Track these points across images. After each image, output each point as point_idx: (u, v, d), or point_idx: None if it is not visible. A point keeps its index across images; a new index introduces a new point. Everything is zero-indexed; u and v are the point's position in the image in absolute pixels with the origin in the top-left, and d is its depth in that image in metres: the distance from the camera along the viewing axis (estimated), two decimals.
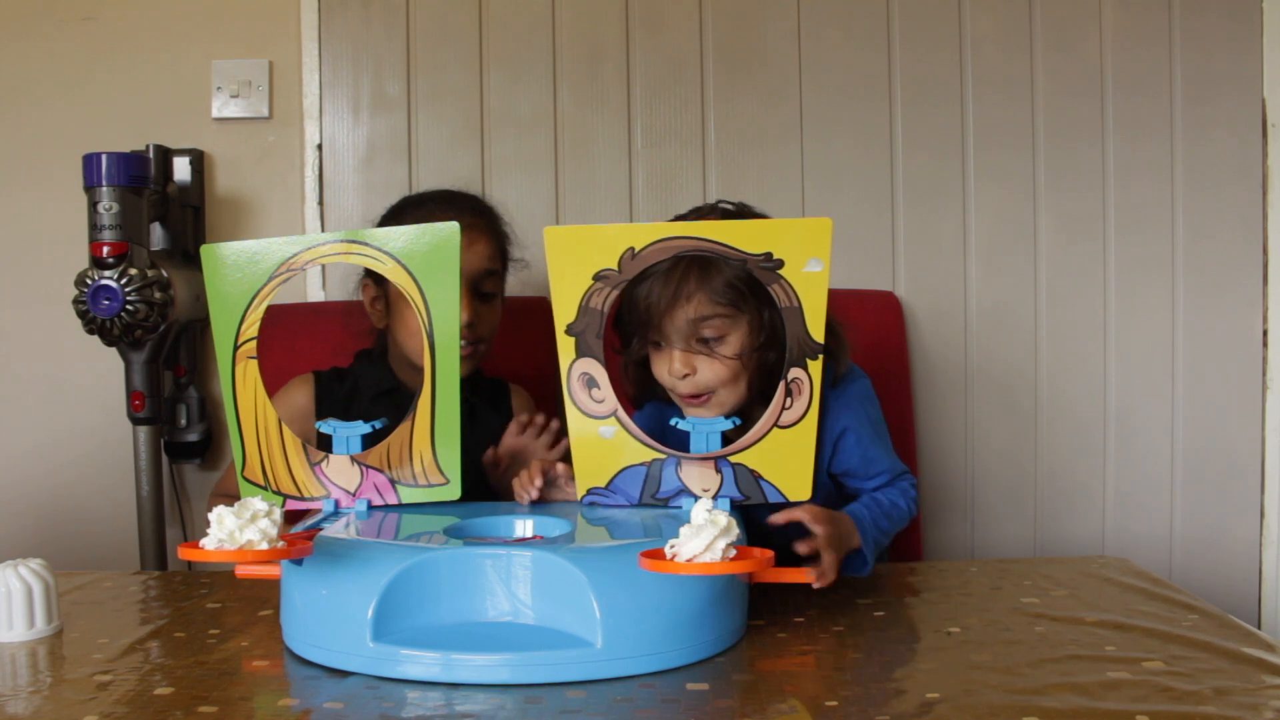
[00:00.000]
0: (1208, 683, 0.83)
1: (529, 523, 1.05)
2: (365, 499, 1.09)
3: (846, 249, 1.81)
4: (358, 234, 1.07)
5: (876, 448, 1.17)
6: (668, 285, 1.09)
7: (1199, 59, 1.86)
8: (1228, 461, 1.88)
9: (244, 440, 1.09)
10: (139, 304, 1.55)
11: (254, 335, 1.07)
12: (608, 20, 1.84)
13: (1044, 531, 1.89)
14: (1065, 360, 1.87)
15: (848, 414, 1.16)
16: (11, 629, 0.97)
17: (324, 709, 0.80)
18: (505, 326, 1.49)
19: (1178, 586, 1.12)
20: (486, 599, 0.89)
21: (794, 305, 1.03)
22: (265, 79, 1.83)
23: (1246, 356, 1.88)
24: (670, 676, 0.86)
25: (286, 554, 0.87)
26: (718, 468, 1.07)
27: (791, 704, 0.81)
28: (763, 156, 1.85)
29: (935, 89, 1.85)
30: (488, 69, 1.84)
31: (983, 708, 0.78)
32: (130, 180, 1.56)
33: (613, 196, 1.84)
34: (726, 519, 0.85)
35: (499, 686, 0.83)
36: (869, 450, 1.16)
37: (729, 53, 1.85)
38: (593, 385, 1.07)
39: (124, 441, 1.75)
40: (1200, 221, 1.86)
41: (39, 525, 1.82)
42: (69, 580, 1.15)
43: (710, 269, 1.09)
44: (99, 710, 0.80)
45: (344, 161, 1.84)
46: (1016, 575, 1.16)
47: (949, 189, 1.86)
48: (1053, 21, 1.86)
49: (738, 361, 1.11)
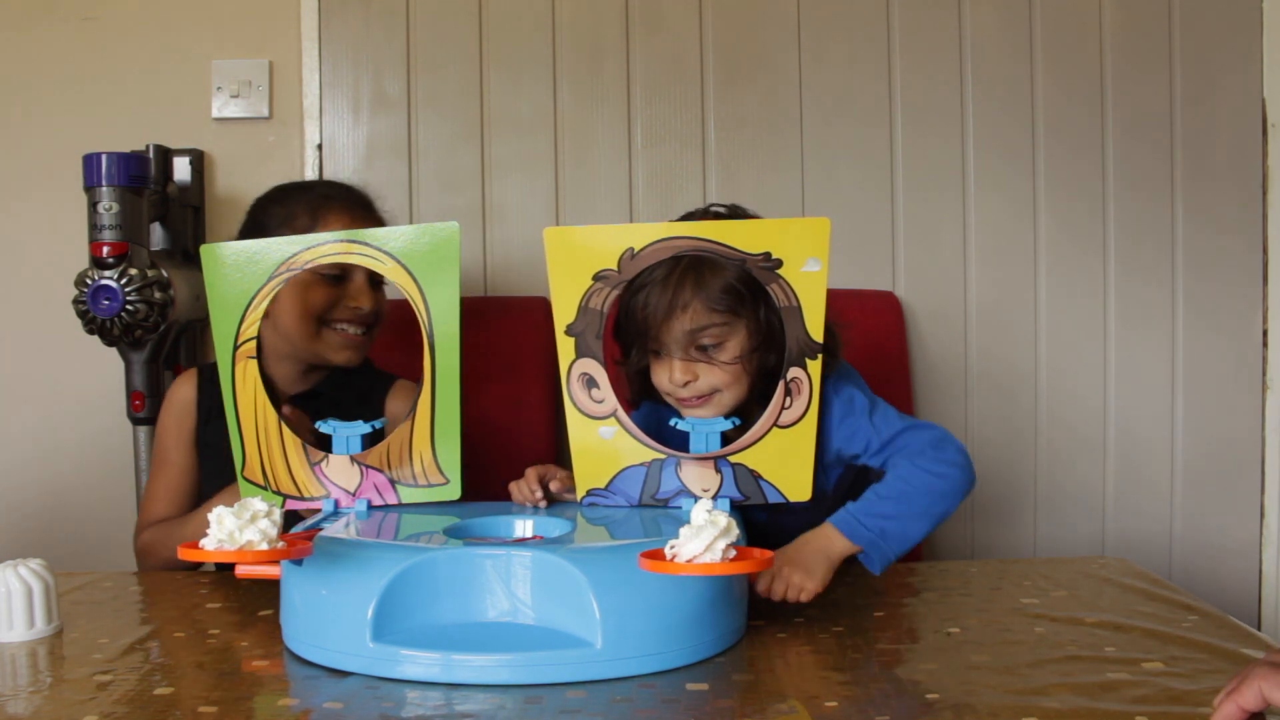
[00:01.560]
0: (1208, 683, 0.83)
1: (529, 523, 1.05)
2: (365, 499, 1.09)
3: (846, 249, 1.81)
4: (358, 234, 1.07)
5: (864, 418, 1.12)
6: (664, 295, 1.09)
7: (1199, 59, 1.86)
8: (1228, 462, 1.88)
9: (244, 440, 1.09)
10: (139, 304, 1.55)
11: (254, 335, 1.07)
12: (608, 20, 1.84)
13: (1044, 532, 1.89)
14: (1065, 360, 1.87)
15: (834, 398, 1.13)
16: (11, 629, 0.97)
17: (324, 709, 0.80)
18: (505, 326, 1.49)
19: (1177, 587, 1.12)
20: (486, 599, 0.89)
21: (793, 305, 1.03)
22: (265, 79, 1.83)
23: (1246, 356, 1.88)
24: (670, 676, 0.86)
25: (286, 554, 0.87)
26: (717, 468, 1.07)
27: (791, 704, 0.80)
28: (763, 156, 1.85)
29: (935, 89, 1.85)
30: (488, 69, 1.84)
31: (983, 708, 0.78)
32: (130, 180, 1.56)
33: (613, 196, 1.84)
34: (726, 519, 0.85)
35: (499, 686, 0.83)
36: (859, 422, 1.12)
37: (729, 53, 1.85)
38: (592, 385, 1.07)
39: (124, 441, 1.75)
40: (1200, 222, 1.86)
41: (39, 525, 1.82)
42: (69, 580, 1.15)
43: (705, 276, 1.08)
44: (99, 710, 0.80)
45: (344, 161, 1.84)
46: (1016, 575, 1.16)
47: (949, 189, 1.86)
48: (1053, 22, 1.86)
49: (738, 365, 1.11)
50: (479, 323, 1.67)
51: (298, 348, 1.36)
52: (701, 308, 1.09)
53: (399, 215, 1.83)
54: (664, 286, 1.09)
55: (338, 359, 1.37)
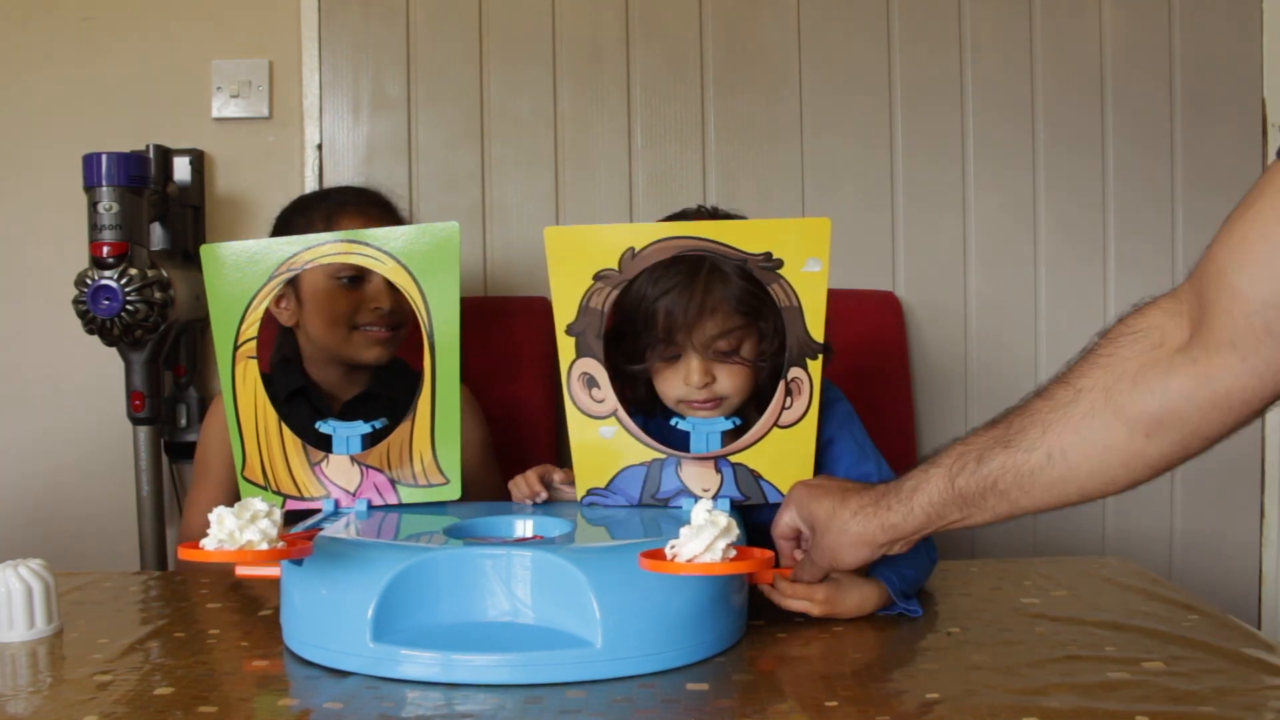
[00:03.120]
0: (1208, 683, 0.83)
1: (529, 523, 1.05)
2: (365, 499, 1.09)
3: (846, 249, 1.80)
4: (358, 234, 1.07)
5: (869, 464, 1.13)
6: (692, 299, 1.07)
7: (1199, 59, 1.86)
8: (1228, 461, 1.88)
9: (244, 440, 1.09)
10: (139, 304, 1.55)
11: (254, 335, 1.07)
12: (608, 20, 1.84)
13: (1044, 531, 1.89)
14: (1065, 360, 1.87)
15: (831, 426, 1.13)
16: (11, 629, 0.97)
17: (324, 709, 0.80)
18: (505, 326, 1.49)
19: (1178, 586, 1.12)
20: (486, 599, 0.89)
21: (793, 305, 1.03)
22: (265, 79, 1.83)
23: None
24: (670, 676, 0.86)
25: (286, 554, 0.87)
26: (718, 468, 1.07)
27: (791, 704, 0.81)
28: (763, 156, 1.85)
29: (935, 89, 1.85)
30: (488, 69, 1.84)
31: (983, 708, 0.78)
32: (130, 180, 1.56)
33: (613, 196, 1.84)
34: (726, 519, 0.85)
35: (499, 686, 0.83)
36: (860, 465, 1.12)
37: (729, 53, 1.85)
38: (593, 385, 1.07)
39: (124, 441, 1.75)
40: (1200, 222, 1.86)
41: (39, 525, 1.82)
42: (69, 580, 1.15)
43: (727, 278, 1.08)
44: (99, 710, 0.80)
45: (344, 161, 1.84)
46: (1016, 575, 1.16)
47: (949, 189, 1.86)
48: (1053, 22, 1.86)
49: (753, 367, 1.11)
50: (479, 323, 1.67)
51: (333, 353, 1.40)
52: (728, 310, 1.08)
53: None
54: (689, 291, 1.08)
55: (368, 357, 1.39)
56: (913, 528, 0.91)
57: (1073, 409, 0.83)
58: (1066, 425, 0.83)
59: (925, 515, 0.90)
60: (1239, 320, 0.75)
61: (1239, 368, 0.76)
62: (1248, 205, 0.76)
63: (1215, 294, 0.77)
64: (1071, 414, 0.83)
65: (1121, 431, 0.81)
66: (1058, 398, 0.85)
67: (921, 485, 0.91)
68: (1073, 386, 0.84)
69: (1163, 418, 0.79)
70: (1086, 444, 0.83)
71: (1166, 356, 0.80)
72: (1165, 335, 0.81)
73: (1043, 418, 0.85)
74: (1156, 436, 0.80)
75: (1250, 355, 0.76)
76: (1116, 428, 0.81)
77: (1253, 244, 0.74)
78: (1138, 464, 0.82)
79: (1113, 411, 0.81)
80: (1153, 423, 0.80)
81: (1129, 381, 0.81)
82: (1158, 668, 0.87)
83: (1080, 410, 0.83)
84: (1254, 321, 0.75)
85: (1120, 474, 0.83)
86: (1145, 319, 0.83)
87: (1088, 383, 0.83)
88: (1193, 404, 0.78)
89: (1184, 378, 0.78)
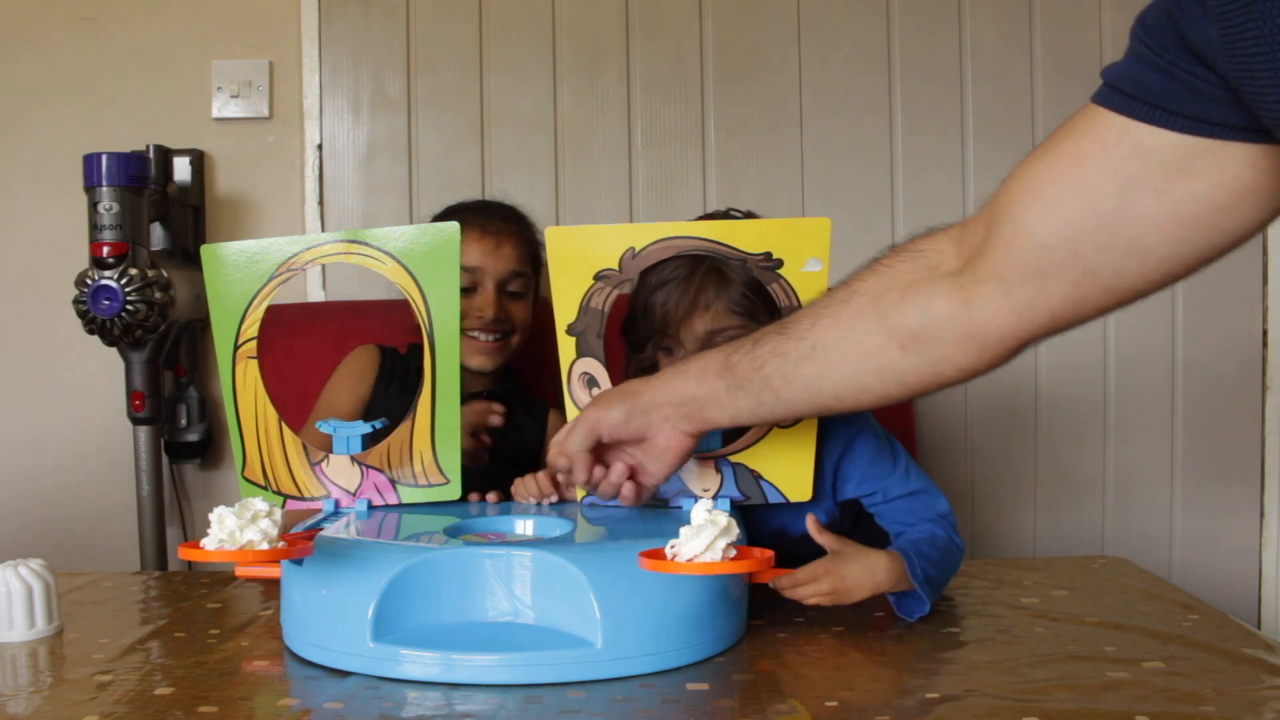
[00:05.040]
0: (1208, 683, 0.83)
1: (529, 523, 1.05)
2: (365, 499, 1.09)
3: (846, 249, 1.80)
4: (358, 234, 1.07)
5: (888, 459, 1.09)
6: (685, 294, 1.08)
7: None
8: (1228, 461, 1.88)
9: (244, 440, 1.09)
10: (139, 304, 1.55)
11: (254, 335, 1.07)
12: (608, 21, 1.84)
13: (1044, 532, 1.89)
14: (1065, 360, 1.87)
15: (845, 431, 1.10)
16: (11, 629, 0.97)
17: (324, 709, 0.80)
18: None
19: (1178, 586, 1.12)
20: (486, 599, 0.89)
21: (793, 305, 1.03)
22: (265, 79, 1.83)
23: (1246, 356, 1.88)
24: (670, 676, 0.86)
25: (286, 554, 0.87)
26: (718, 468, 1.07)
27: (791, 704, 0.80)
28: (763, 156, 1.85)
29: (935, 89, 1.85)
30: (488, 69, 1.84)
31: (983, 708, 0.78)
32: (130, 180, 1.56)
33: (613, 196, 1.84)
34: (726, 519, 0.85)
35: (499, 686, 0.83)
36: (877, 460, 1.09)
37: (729, 53, 1.85)
38: (593, 385, 1.07)
39: (124, 441, 1.75)
40: None
41: (39, 525, 1.83)
42: (69, 580, 1.15)
43: (727, 278, 1.08)
44: (99, 710, 0.80)
45: (344, 161, 1.84)
46: (1016, 575, 1.16)
47: (950, 189, 1.86)
48: (1053, 22, 1.86)
49: None
50: None
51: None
52: (723, 309, 1.09)
53: (399, 215, 1.84)
54: (686, 285, 1.09)
55: (471, 364, 1.38)
56: (691, 394, 0.94)
57: (843, 309, 0.86)
58: (835, 322, 0.86)
59: (698, 382, 0.93)
60: (1014, 254, 0.77)
61: (1001, 301, 0.78)
62: (1050, 144, 0.76)
63: (1000, 226, 0.78)
64: (841, 313, 0.86)
65: (880, 338, 0.84)
66: (835, 296, 0.88)
67: (702, 357, 0.95)
68: (850, 288, 0.87)
69: (919, 334, 0.82)
70: (847, 343, 0.85)
71: (937, 278, 0.82)
72: (944, 259, 0.83)
73: (816, 311, 0.88)
74: (910, 351, 0.83)
75: (1016, 291, 0.77)
76: (877, 333, 0.84)
77: (1045, 183, 0.75)
78: (889, 375, 0.85)
79: (877, 317, 0.84)
80: (909, 337, 0.82)
81: (898, 293, 0.83)
82: (1157, 668, 0.87)
83: (850, 310, 0.86)
84: (1028, 259, 0.76)
85: (874, 381, 0.86)
86: (931, 241, 0.85)
87: (863, 287, 0.86)
88: (949, 327, 0.81)
89: (947, 300, 0.81)
